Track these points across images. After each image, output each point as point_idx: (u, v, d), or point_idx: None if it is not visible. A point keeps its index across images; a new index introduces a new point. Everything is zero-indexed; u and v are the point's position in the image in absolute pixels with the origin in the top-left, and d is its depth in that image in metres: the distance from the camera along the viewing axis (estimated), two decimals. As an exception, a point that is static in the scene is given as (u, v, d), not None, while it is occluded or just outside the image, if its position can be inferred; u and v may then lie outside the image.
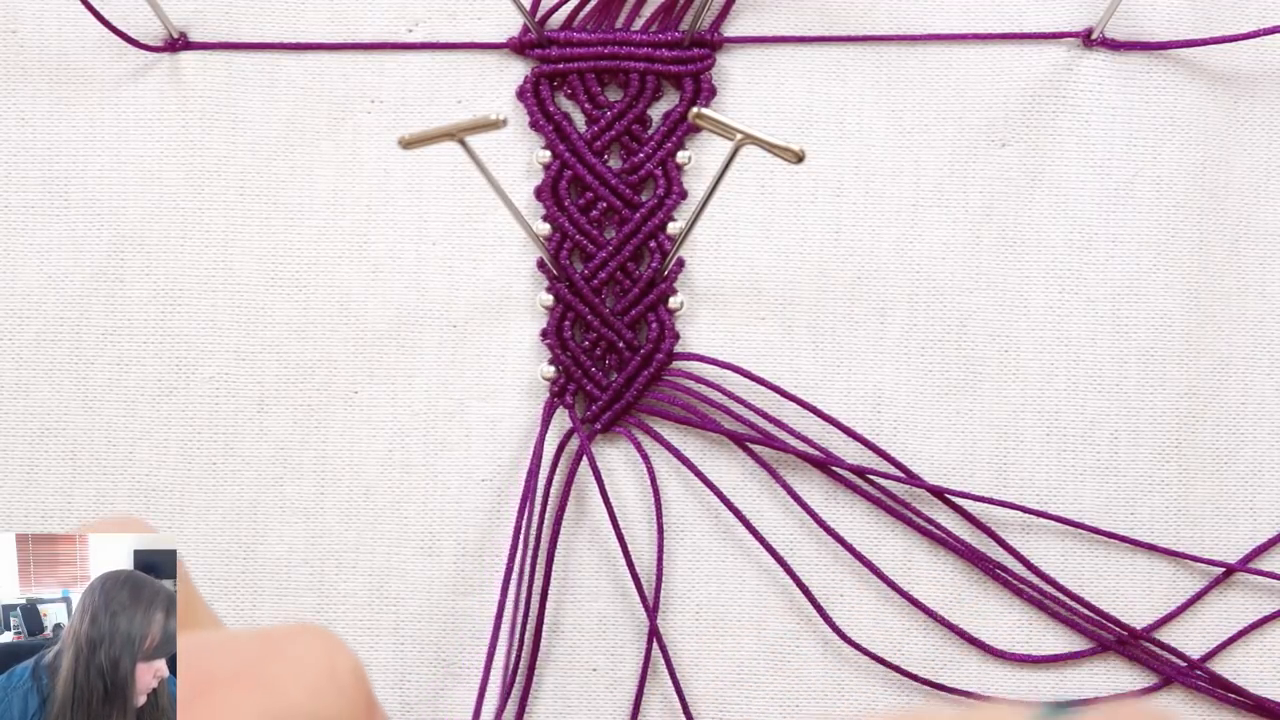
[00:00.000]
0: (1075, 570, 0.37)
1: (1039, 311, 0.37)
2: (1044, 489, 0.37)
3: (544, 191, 0.37)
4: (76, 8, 0.36)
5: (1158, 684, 0.37)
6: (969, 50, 0.37)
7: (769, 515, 0.37)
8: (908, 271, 0.37)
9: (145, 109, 0.37)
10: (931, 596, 0.37)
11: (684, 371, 0.37)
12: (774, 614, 0.37)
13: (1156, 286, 0.37)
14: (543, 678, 0.37)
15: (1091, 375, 0.37)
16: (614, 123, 0.37)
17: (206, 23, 0.37)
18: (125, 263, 0.37)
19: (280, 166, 0.37)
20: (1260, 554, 0.37)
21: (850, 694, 0.37)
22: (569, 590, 0.37)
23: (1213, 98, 0.37)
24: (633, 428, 0.37)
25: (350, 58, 0.37)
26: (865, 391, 0.37)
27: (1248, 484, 0.37)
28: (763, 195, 0.37)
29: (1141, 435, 0.37)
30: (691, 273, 0.37)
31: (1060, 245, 0.37)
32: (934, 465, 0.37)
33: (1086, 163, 0.37)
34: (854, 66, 0.37)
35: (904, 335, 0.37)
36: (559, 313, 0.37)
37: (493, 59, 0.37)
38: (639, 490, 0.37)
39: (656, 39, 0.37)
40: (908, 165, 0.37)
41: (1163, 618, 0.37)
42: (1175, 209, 0.37)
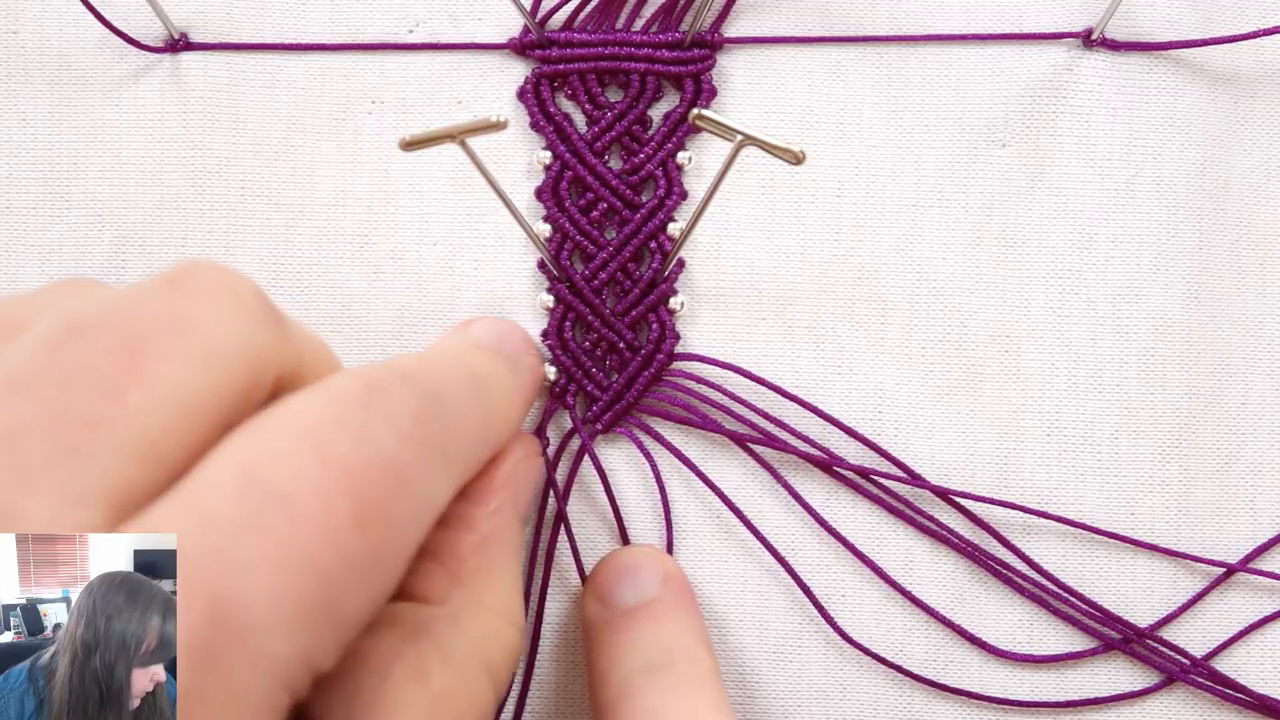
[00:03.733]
0: (1076, 571, 0.37)
1: (1039, 312, 0.37)
2: (1044, 489, 0.37)
3: (544, 192, 0.37)
4: (77, 8, 0.36)
5: (1160, 683, 0.37)
6: (969, 51, 0.37)
7: (770, 515, 0.37)
8: (908, 272, 0.37)
9: (146, 109, 0.37)
10: (933, 596, 0.37)
11: (685, 372, 0.37)
12: (776, 614, 0.37)
13: (1156, 286, 0.37)
14: (544, 678, 0.37)
15: (1092, 375, 0.37)
16: (614, 123, 0.37)
17: (207, 23, 0.37)
18: (127, 264, 0.37)
19: (281, 167, 0.37)
20: (1261, 554, 0.37)
21: (852, 693, 0.37)
22: (570, 589, 0.37)
23: (1213, 98, 0.37)
24: (634, 428, 0.37)
25: (351, 58, 0.37)
26: (866, 392, 0.37)
27: (1248, 484, 0.37)
28: (763, 196, 0.37)
29: (1142, 435, 0.37)
30: (692, 273, 0.37)
31: (1060, 245, 0.37)
32: (935, 465, 0.37)
33: (1086, 163, 0.37)
34: (854, 67, 0.37)
35: (905, 336, 0.37)
36: (560, 313, 0.37)
37: (493, 60, 0.37)
38: (639, 491, 0.37)
39: (657, 40, 0.37)
40: (908, 166, 0.37)
41: (1164, 618, 0.37)
42: (1175, 209, 0.37)
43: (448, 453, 0.26)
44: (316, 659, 0.22)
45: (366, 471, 0.23)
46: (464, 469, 0.27)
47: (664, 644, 0.32)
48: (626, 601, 0.34)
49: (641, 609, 0.34)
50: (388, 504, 0.23)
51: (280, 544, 0.21)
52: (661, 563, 0.35)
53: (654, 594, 0.34)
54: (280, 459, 0.22)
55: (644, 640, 0.32)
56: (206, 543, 0.21)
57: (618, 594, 0.34)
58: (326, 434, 0.23)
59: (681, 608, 0.34)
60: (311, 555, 0.21)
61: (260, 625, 0.21)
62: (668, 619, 0.33)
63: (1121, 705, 0.37)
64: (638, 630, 0.33)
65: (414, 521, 0.24)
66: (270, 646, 0.21)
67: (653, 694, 0.31)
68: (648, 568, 0.35)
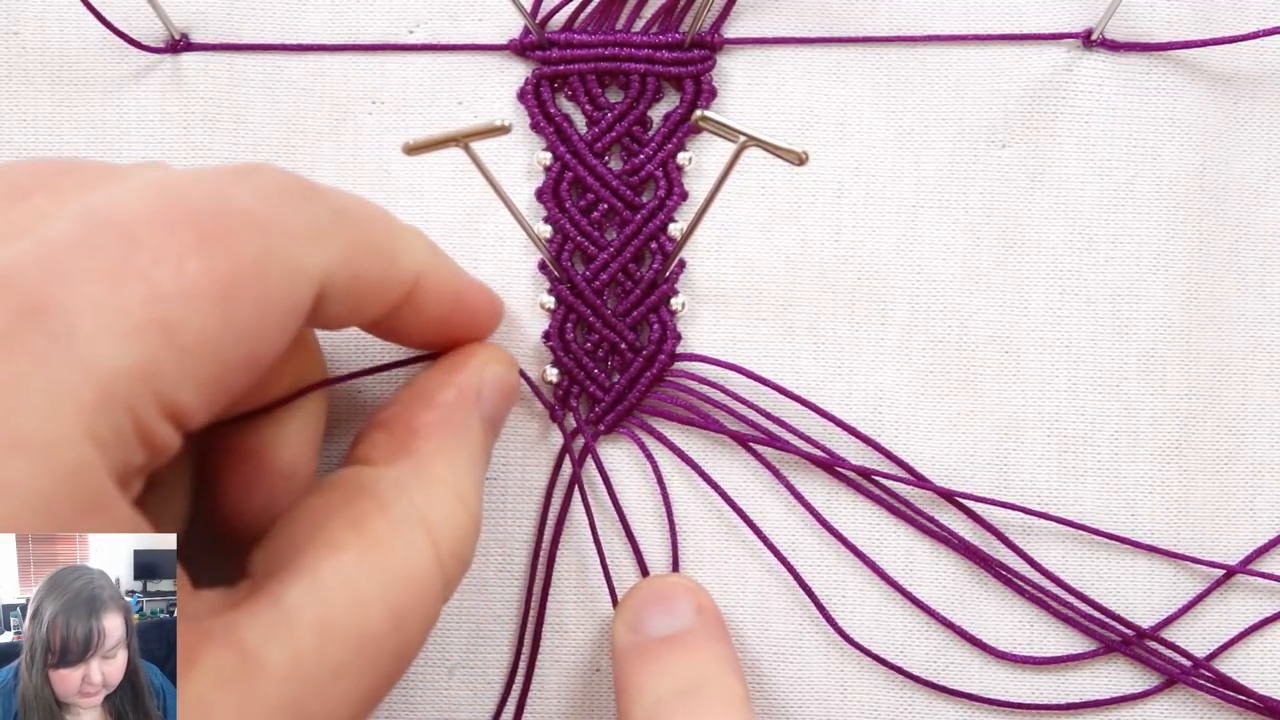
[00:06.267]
0: (1076, 572, 0.37)
1: (1039, 312, 0.37)
2: (1044, 490, 0.37)
3: (545, 193, 0.37)
4: (78, 9, 0.36)
5: (1161, 684, 0.37)
6: (969, 51, 0.37)
7: (772, 515, 0.37)
8: (908, 272, 0.37)
9: (147, 110, 0.37)
10: (934, 597, 0.37)
11: (686, 372, 0.37)
12: (777, 614, 0.37)
13: (1156, 287, 0.37)
14: (546, 678, 0.37)
15: (1092, 376, 0.37)
16: (615, 124, 0.37)
17: (208, 24, 0.37)
18: (126, 264, 0.37)
19: (282, 167, 0.37)
20: (1261, 556, 0.37)
21: (853, 694, 0.37)
22: (571, 590, 0.37)
23: (1213, 99, 0.37)
24: (636, 429, 0.37)
25: (351, 59, 0.37)
26: (866, 392, 0.37)
27: (1248, 485, 0.37)
28: (763, 196, 0.37)
29: (1142, 437, 0.37)
30: (693, 274, 0.37)
31: (1060, 246, 0.37)
32: (935, 466, 0.37)
33: (1086, 164, 0.37)
34: (854, 68, 0.37)
35: (905, 336, 0.37)
36: (561, 314, 0.37)
37: (493, 60, 0.37)
38: (640, 491, 0.37)
39: (657, 40, 0.37)
40: (908, 166, 0.37)
41: (1164, 619, 0.37)
42: (1175, 210, 0.37)
43: (323, 233, 0.26)
44: (160, 384, 0.22)
45: (214, 212, 0.23)
46: (348, 263, 0.27)
47: (696, 671, 0.32)
48: (659, 630, 0.34)
49: (675, 638, 0.33)
50: (235, 237, 0.23)
51: (110, 262, 0.22)
52: (695, 594, 0.35)
53: (687, 624, 0.34)
54: (122, 199, 0.23)
55: (676, 667, 0.32)
56: (32, 256, 0.21)
57: (651, 622, 0.34)
58: (177, 180, 0.24)
59: (714, 638, 0.34)
60: (141, 273, 0.22)
61: (82, 331, 0.21)
62: (701, 648, 0.33)
63: (1122, 707, 0.37)
64: (670, 658, 0.33)
65: (273, 268, 0.24)
66: (94, 353, 0.21)
67: (681, 718, 0.31)
68: (681, 598, 0.34)
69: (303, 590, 0.24)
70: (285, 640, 0.24)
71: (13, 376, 0.20)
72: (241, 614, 0.24)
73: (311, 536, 0.26)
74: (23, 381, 0.20)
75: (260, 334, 0.24)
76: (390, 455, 0.29)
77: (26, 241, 0.22)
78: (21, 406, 0.20)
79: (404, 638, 0.26)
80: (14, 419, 0.20)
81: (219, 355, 0.23)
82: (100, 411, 0.21)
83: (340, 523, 0.26)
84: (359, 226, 0.27)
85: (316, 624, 0.24)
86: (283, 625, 0.24)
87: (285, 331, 0.25)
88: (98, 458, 0.21)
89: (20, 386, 0.20)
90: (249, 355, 0.24)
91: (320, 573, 0.25)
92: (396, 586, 0.26)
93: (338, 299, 0.27)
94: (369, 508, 0.27)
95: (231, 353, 0.23)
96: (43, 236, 0.22)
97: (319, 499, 0.27)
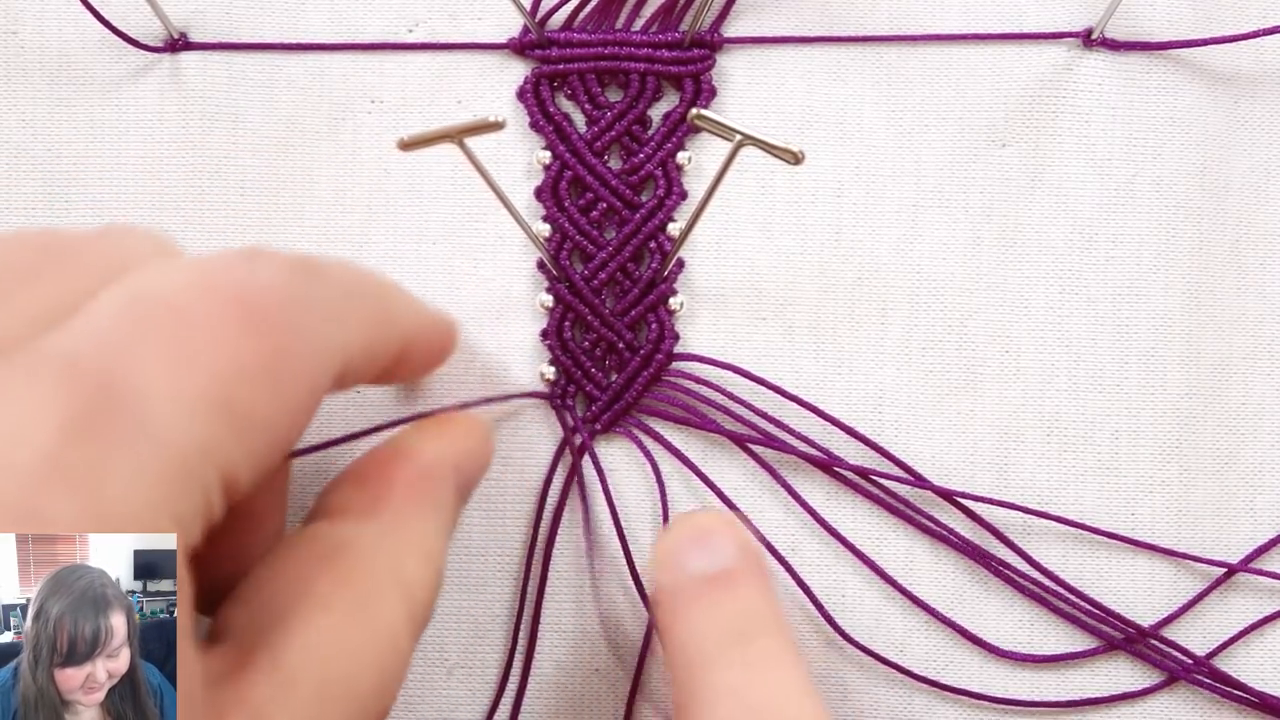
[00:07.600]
0: (1076, 571, 0.37)
1: (1039, 312, 0.37)
2: (1045, 490, 0.37)
3: (544, 192, 0.37)
4: (77, 8, 0.36)
5: (1162, 682, 0.37)
6: (969, 50, 0.37)
7: (770, 516, 0.37)
8: (908, 272, 0.37)
9: (145, 109, 0.37)
10: (934, 596, 0.37)
11: (684, 372, 0.37)
12: (775, 614, 0.37)
13: (1156, 286, 0.37)
14: (544, 678, 0.37)
15: (1092, 376, 0.37)
16: (614, 123, 0.37)
17: (207, 23, 0.37)
18: (125, 263, 0.37)
19: (281, 167, 0.37)
20: (1261, 554, 0.37)
21: (853, 693, 0.37)
22: (569, 589, 0.37)
23: (1213, 98, 0.37)
24: (633, 428, 0.37)
25: (350, 58, 0.37)
26: (866, 392, 0.37)
27: (1248, 484, 0.37)
28: (763, 196, 0.37)
29: (1142, 436, 0.37)
30: (692, 273, 0.37)
31: (1060, 245, 0.37)
32: (935, 466, 0.37)
33: (1086, 163, 0.37)
34: (854, 67, 0.37)
35: (905, 336, 0.37)
36: (559, 313, 0.37)
37: (493, 59, 0.37)
38: (638, 491, 0.37)
39: (656, 39, 0.37)
40: (908, 166, 0.37)
41: (1164, 618, 0.37)
42: (1175, 209, 0.37)
43: (339, 312, 0.26)
44: (222, 460, 0.22)
45: (253, 289, 0.24)
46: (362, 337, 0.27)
47: (745, 614, 0.30)
48: (701, 568, 0.31)
49: (718, 577, 0.30)
50: (276, 317, 0.24)
51: (171, 343, 0.22)
52: (737, 529, 0.32)
53: (731, 562, 0.31)
54: (166, 279, 0.23)
55: (722, 609, 0.30)
56: (94, 340, 0.22)
57: (691, 560, 0.31)
58: (208, 265, 0.24)
59: (759, 575, 0.31)
60: (202, 354, 0.22)
61: (156, 412, 0.21)
62: (748, 588, 0.30)
63: (1123, 705, 0.37)
64: (714, 598, 0.30)
65: (307, 348, 0.25)
66: (169, 433, 0.21)
67: (736, 670, 0.28)
68: (722, 533, 0.31)
69: (299, 651, 0.24)
70: (287, 703, 0.23)
71: (98, 458, 0.20)
72: (247, 676, 0.24)
73: (300, 594, 0.25)
74: (109, 464, 0.21)
75: (301, 409, 0.25)
76: (365, 511, 0.28)
77: (77, 324, 0.22)
78: (109, 489, 0.20)
79: (385, 699, 0.26)
80: (104, 503, 0.20)
81: (269, 430, 0.24)
82: (182, 491, 0.22)
83: (327, 581, 0.26)
84: (365, 299, 0.28)
85: (315, 685, 0.24)
86: (286, 686, 0.24)
87: (316, 405, 0.25)
88: (179, 537, 0.22)
89: (108, 469, 0.20)
90: (290, 428, 0.24)
91: (313, 632, 0.25)
92: (381, 646, 0.26)
93: (352, 370, 0.27)
94: (353, 565, 0.26)
95: (279, 427, 0.24)
96: (95, 319, 0.22)
97: (296, 554, 0.27)
